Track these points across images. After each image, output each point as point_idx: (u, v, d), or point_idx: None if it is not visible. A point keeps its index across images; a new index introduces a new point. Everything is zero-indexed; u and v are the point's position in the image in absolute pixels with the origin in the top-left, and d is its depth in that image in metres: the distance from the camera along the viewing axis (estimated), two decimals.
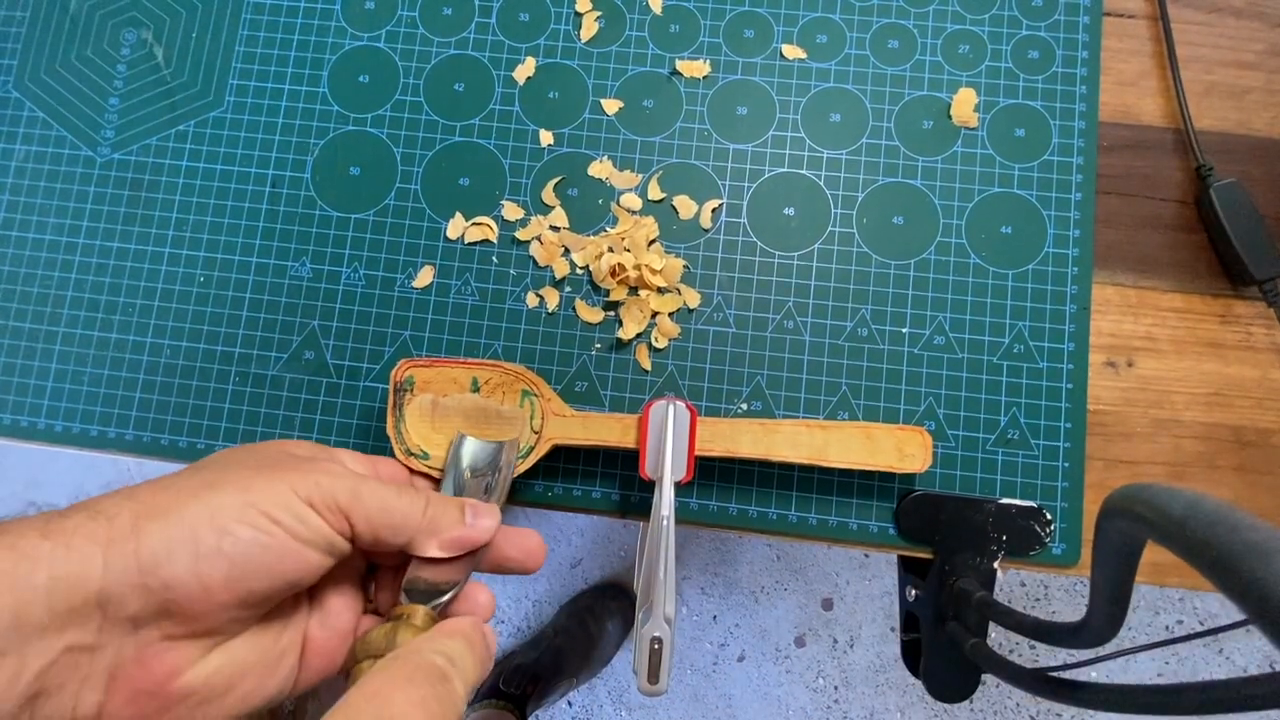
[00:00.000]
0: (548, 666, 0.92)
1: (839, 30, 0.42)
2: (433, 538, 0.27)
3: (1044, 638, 0.27)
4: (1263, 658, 1.02)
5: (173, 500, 0.23)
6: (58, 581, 0.20)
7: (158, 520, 0.22)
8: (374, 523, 0.25)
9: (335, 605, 0.27)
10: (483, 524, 0.28)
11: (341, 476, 0.25)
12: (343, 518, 0.25)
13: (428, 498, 0.27)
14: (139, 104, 0.43)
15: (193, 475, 0.24)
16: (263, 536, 0.23)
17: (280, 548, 0.23)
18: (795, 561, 1.07)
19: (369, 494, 0.25)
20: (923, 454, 0.35)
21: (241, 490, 0.23)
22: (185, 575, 0.21)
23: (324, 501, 0.24)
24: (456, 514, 0.28)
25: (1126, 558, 0.21)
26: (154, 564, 0.21)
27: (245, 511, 0.23)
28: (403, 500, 0.26)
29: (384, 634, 0.25)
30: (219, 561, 0.22)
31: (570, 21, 0.43)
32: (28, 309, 0.42)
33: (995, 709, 1.01)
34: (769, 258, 0.40)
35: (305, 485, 0.24)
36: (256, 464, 0.25)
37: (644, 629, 0.31)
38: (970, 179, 0.41)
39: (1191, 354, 0.40)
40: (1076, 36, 0.42)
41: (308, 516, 0.24)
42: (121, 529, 0.21)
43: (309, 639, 0.26)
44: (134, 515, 0.22)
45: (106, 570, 0.21)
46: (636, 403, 0.39)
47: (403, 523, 0.26)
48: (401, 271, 0.41)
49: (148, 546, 0.21)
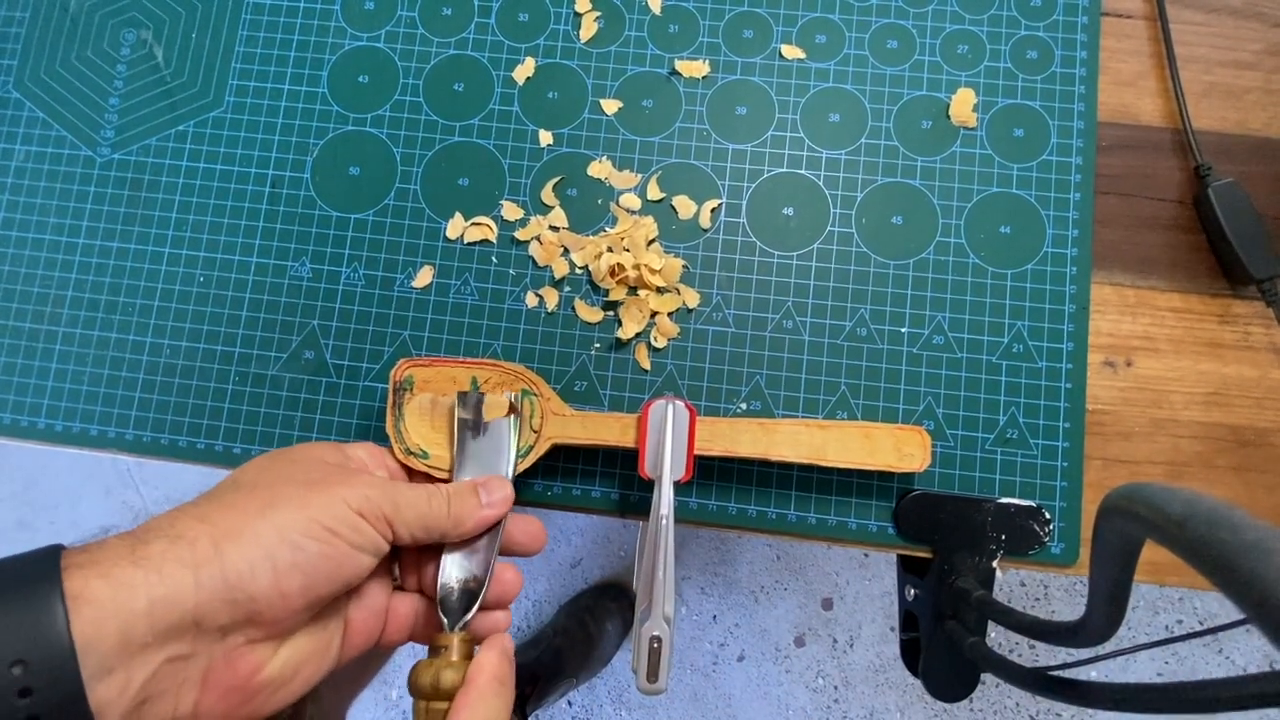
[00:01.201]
0: (547, 666, 0.92)
1: (838, 30, 0.42)
2: (459, 529, 0.30)
3: (1043, 637, 0.27)
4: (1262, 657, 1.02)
5: (243, 521, 0.25)
6: (156, 604, 0.23)
7: (235, 541, 0.25)
8: (412, 527, 0.29)
9: (370, 589, 0.31)
10: (497, 498, 0.32)
11: (382, 487, 0.29)
12: (386, 525, 0.28)
13: (448, 495, 0.31)
14: (139, 104, 0.43)
15: (248, 494, 0.27)
16: (326, 548, 0.26)
17: (341, 556, 0.26)
18: (795, 561, 1.07)
19: (405, 503, 0.29)
20: (922, 453, 0.35)
21: (302, 507, 0.26)
22: (267, 588, 0.25)
23: (372, 512, 0.28)
24: (474, 500, 0.31)
25: (1125, 557, 0.21)
26: (240, 581, 0.24)
27: (309, 526, 0.26)
28: (433, 505, 0.30)
29: (430, 676, 0.28)
30: (294, 574, 0.25)
31: (570, 22, 0.43)
32: (28, 309, 0.42)
33: (995, 708, 1.01)
34: (768, 257, 0.41)
35: (356, 498, 0.27)
36: (305, 479, 0.28)
37: (643, 628, 0.31)
38: (969, 179, 0.41)
39: (1190, 354, 0.40)
40: (1075, 36, 0.42)
41: (361, 526, 0.27)
42: (205, 552, 0.24)
43: (349, 621, 0.30)
44: (212, 539, 0.24)
45: (199, 590, 0.23)
46: (636, 402, 0.39)
47: (435, 524, 0.30)
48: (401, 271, 0.41)
49: (233, 566, 0.24)
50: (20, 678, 0.20)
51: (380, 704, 1.01)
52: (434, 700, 0.27)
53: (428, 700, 0.27)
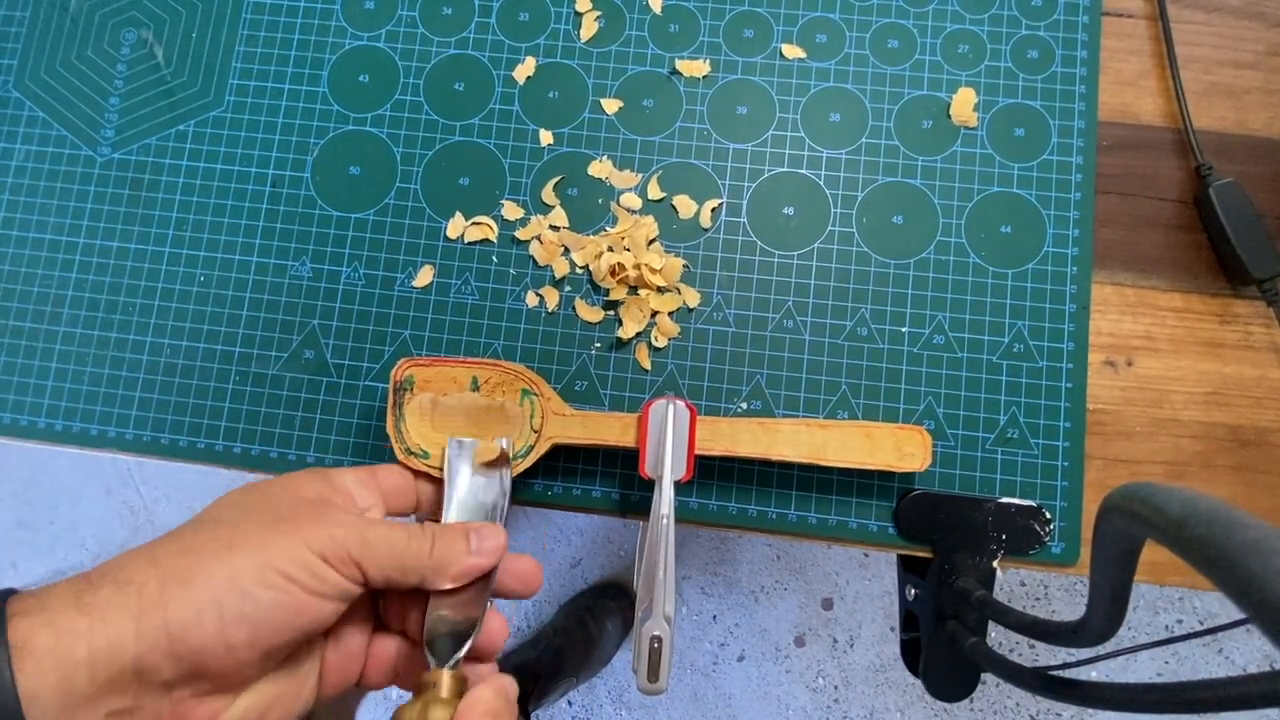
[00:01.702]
0: (548, 666, 0.92)
1: (839, 30, 0.42)
2: (443, 574, 0.28)
3: (1043, 637, 0.27)
4: (1262, 656, 1.02)
5: (195, 565, 0.24)
6: (97, 655, 0.22)
7: (183, 587, 0.23)
8: (384, 568, 0.26)
9: (348, 630, 0.29)
10: (488, 546, 0.29)
11: (351, 526, 0.26)
12: (355, 567, 0.26)
13: (433, 535, 0.28)
14: (139, 104, 0.43)
15: (211, 532, 0.26)
16: (282, 596, 0.24)
17: (298, 604, 0.24)
18: (795, 561, 1.07)
19: (378, 541, 0.26)
20: (922, 453, 0.35)
21: (259, 550, 0.25)
22: (212, 640, 0.23)
23: (336, 554, 0.25)
24: (462, 545, 0.28)
25: (1126, 557, 0.21)
26: (183, 633, 0.23)
27: (263, 573, 0.24)
28: (411, 544, 0.27)
29: (416, 714, 0.25)
30: (242, 625, 0.23)
31: (570, 21, 0.43)
32: (28, 309, 0.42)
33: (995, 708, 1.02)
34: (769, 257, 0.41)
35: (319, 540, 0.25)
36: (272, 516, 0.26)
37: (644, 627, 0.31)
38: (970, 178, 0.41)
39: (1190, 353, 0.40)
40: (1076, 36, 0.42)
41: (322, 571, 0.25)
42: (150, 599, 0.23)
43: (326, 662, 0.28)
44: (160, 583, 0.23)
45: (139, 641, 0.22)
46: (636, 402, 0.39)
47: (413, 565, 0.27)
48: (401, 271, 0.41)
49: (176, 616, 0.23)
50: None
51: (381, 704, 1.01)
52: None
53: None
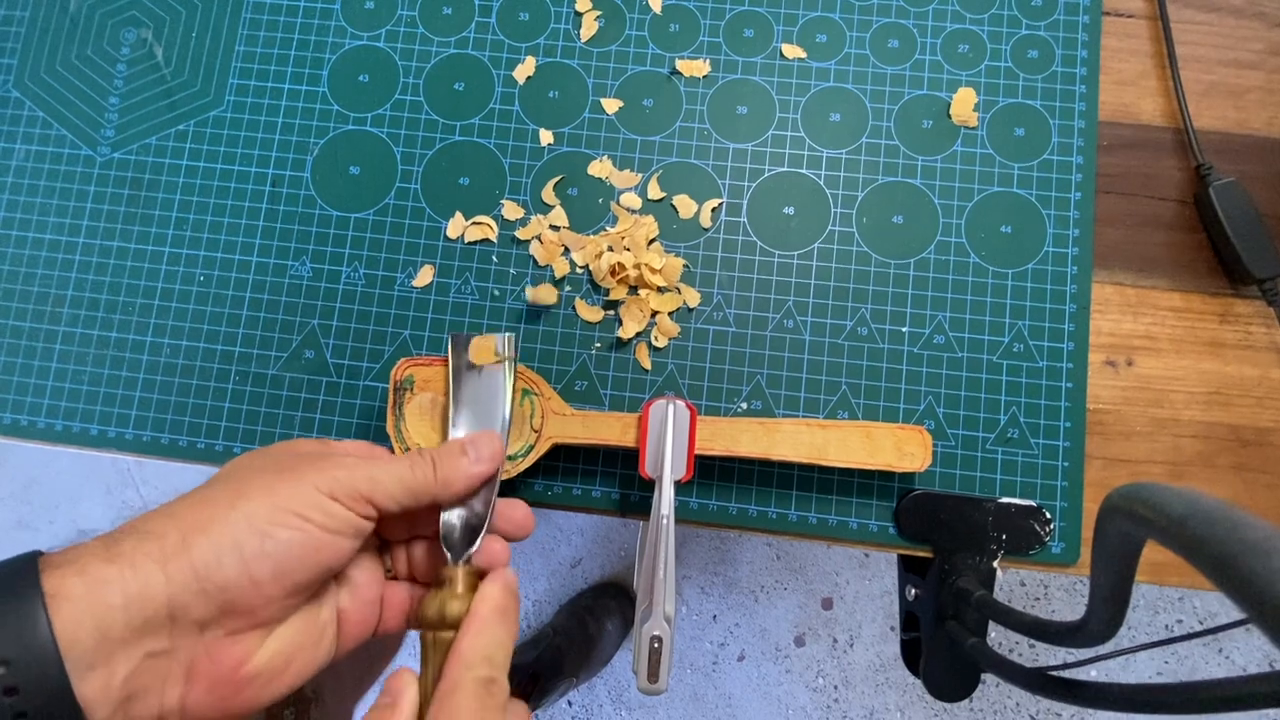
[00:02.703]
0: (547, 666, 0.92)
1: (839, 30, 0.42)
2: (450, 489, 0.29)
3: (1043, 637, 0.27)
4: (1262, 657, 1.02)
5: (211, 514, 0.25)
6: (130, 598, 0.23)
7: (202, 533, 0.24)
8: (396, 498, 0.28)
9: (360, 580, 0.30)
10: (486, 453, 0.30)
11: (356, 466, 0.28)
12: (365, 502, 0.27)
13: (433, 459, 0.30)
14: (139, 103, 0.43)
15: (221, 487, 0.27)
16: (297, 534, 0.26)
17: (315, 541, 0.26)
18: (795, 561, 1.07)
19: (384, 475, 0.28)
20: (922, 453, 0.35)
21: (270, 495, 0.26)
22: (238, 577, 0.24)
23: (345, 492, 0.27)
24: (461, 459, 0.30)
25: (1126, 557, 0.21)
26: (208, 572, 0.24)
27: (277, 514, 0.25)
28: (416, 471, 0.29)
29: (436, 606, 0.28)
30: (264, 561, 0.25)
31: (570, 21, 0.43)
32: (28, 309, 0.42)
33: (995, 708, 1.01)
34: (769, 257, 0.40)
35: (325, 481, 0.27)
36: (275, 469, 0.27)
37: (644, 627, 0.31)
38: (970, 178, 0.41)
39: (1191, 353, 0.40)
40: (1076, 36, 0.42)
41: (333, 509, 0.27)
42: (174, 546, 0.24)
43: (342, 612, 0.29)
44: (180, 532, 0.24)
45: (169, 583, 0.23)
46: (636, 402, 0.39)
47: (422, 489, 0.29)
48: (401, 271, 0.41)
49: (200, 558, 0.24)
50: (5, 676, 0.21)
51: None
52: (440, 630, 0.28)
53: (435, 630, 0.28)
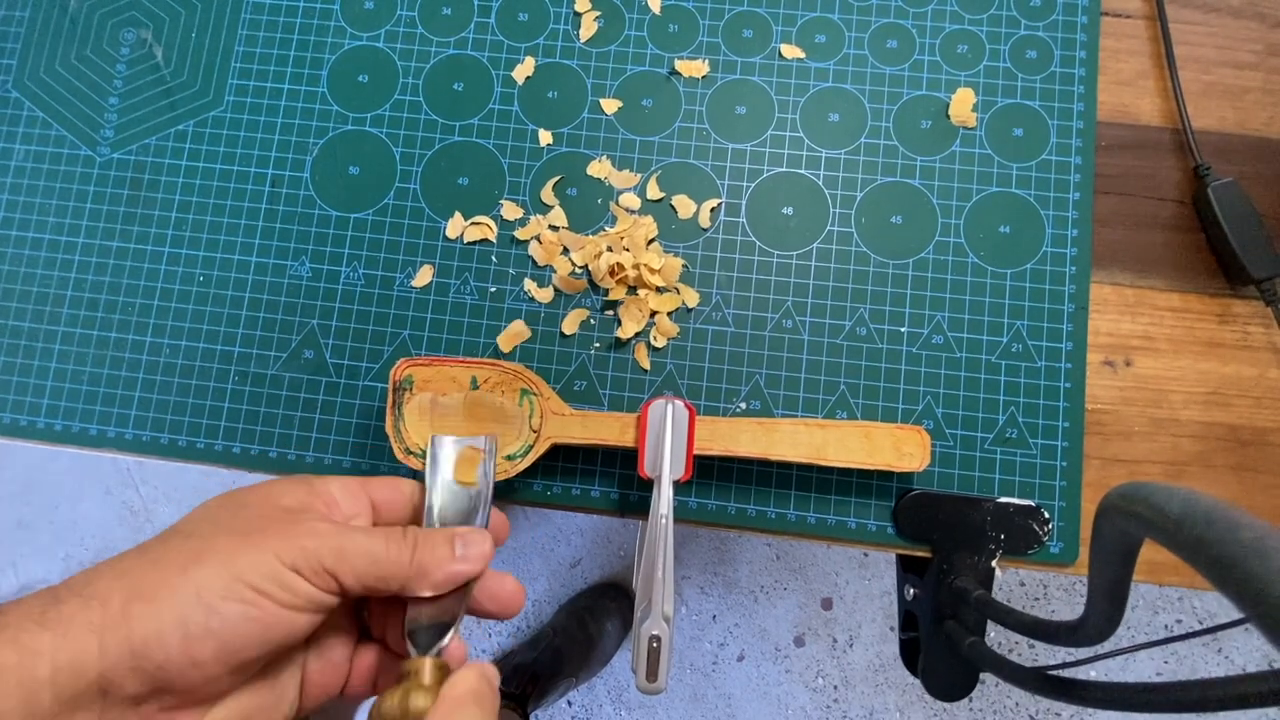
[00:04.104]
0: (547, 666, 0.92)
1: (838, 30, 0.42)
2: (424, 580, 0.27)
3: (1042, 636, 0.27)
4: (1261, 656, 1.02)
5: (160, 580, 0.23)
6: (60, 671, 0.21)
7: (147, 602, 0.22)
8: (362, 577, 0.25)
9: (330, 640, 0.28)
10: (473, 553, 0.28)
11: (326, 536, 0.25)
12: (329, 577, 0.25)
13: (414, 541, 0.27)
14: (139, 104, 0.43)
15: (180, 545, 0.25)
16: (250, 610, 0.23)
17: (268, 618, 0.24)
18: (795, 561, 1.07)
19: (354, 549, 0.25)
20: (921, 453, 0.35)
21: (226, 563, 0.24)
22: (177, 656, 0.22)
23: (309, 565, 0.24)
24: (446, 550, 0.27)
25: (1124, 556, 0.21)
26: (146, 649, 0.22)
27: (231, 586, 0.23)
28: (390, 550, 0.26)
29: (397, 701, 0.24)
30: (208, 640, 0.23)
31: (569, 21, 0.43)
32: (28, 308, 0.42)
33: (994, 708, 1.02)
34: (768, 257, 0.41)
35: (290, 551, 0.24)
36: (243, 528, 0.25)
37: (643, 627, 0.31)
38: (969, 178, 0.41)
39: (1189, 353, 0.40)
40: (1074, 36, 0.42)
41: (294, 584, 0.24)
42: (114, 615, 0.22)
43: (307, 673, 0.27)
44: (124, 598, 0.22)
45: (103, 656, 0.21)
46: (635, 402, 0.39)
47: (391, 573, 0.26)
48: (401, 271, 0.41)
49: (139, 632, 0.22)
50: None
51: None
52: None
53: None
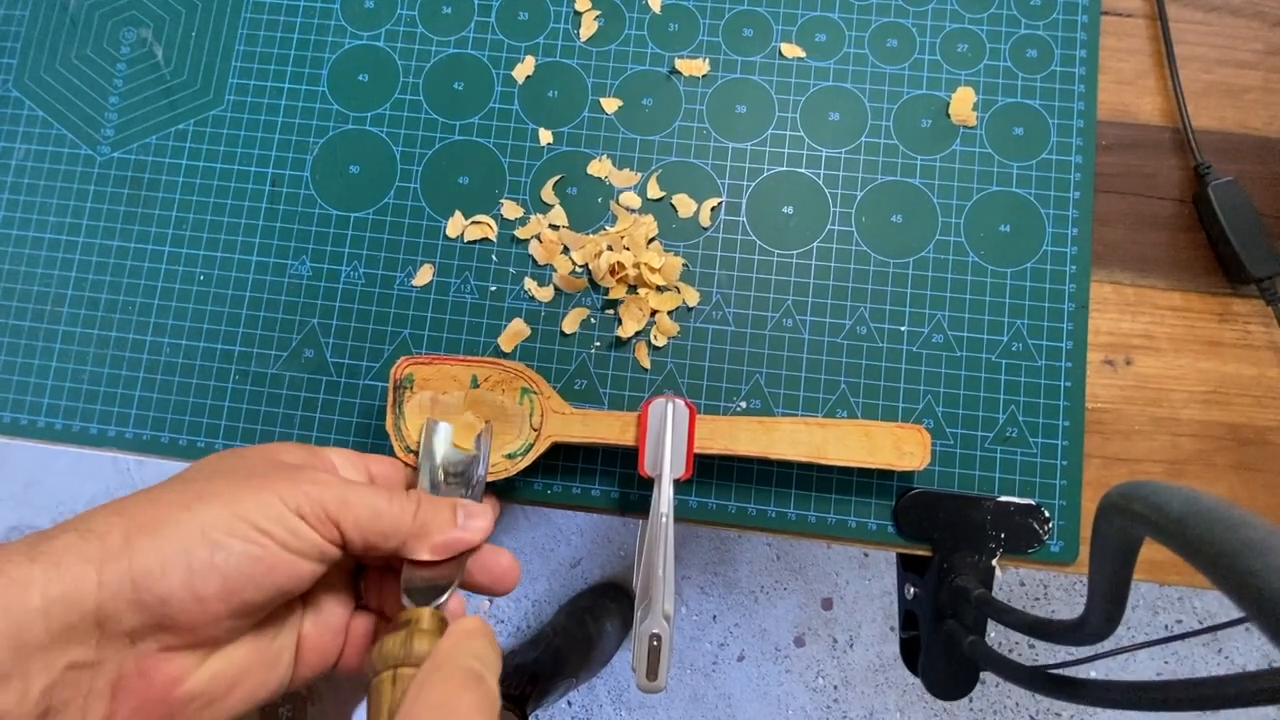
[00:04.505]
0: (547, 666, 0.92)
1: (838, 29, 0.42)
2: (424, 541, 0.27)
3: (1042, 635, 0.27)
4: (1261, 656, 1.02)
5: (163, 515, 0.23)
6: (53, 602, 0.20)
7: (149, 536, 0.22)
8: (364, 529, 0.25)
9: (327, 604, 0.28)
10: (475, 524, 0.28)
11: (330, 485, 0.25)
12: (333, 526, 0.25)
13: (418, 501, 0.27)
14: (139, 103, 0.43)
15: (182, 487, 0.24)
16: (254, 549, 0.23)
17: (272, 559, 0.23)
18: (795, 561, 1.07)
19: (358, 500, 0.25)
20: (921, 452, 0.35)
21: (231, 502, 0.23)
22: (179, 590, 0.22)
23: (313, 511, 0.24)
24: (449, 515, 0.28)
25: (1125, 555, 0.21)
26: (148, 580, 0.21)
27: (235, 524, 0.23)
28: (393, 505, 0.26)
29: (399, 643, 0.24)
30: (212, 576, 0.22)
31: (569, 20, 0.43)
32: (28, 308, 0.42)
33: (994, 708, 1.02)
34: (768, 256, 0.41)
35: (294, 495, 0.24)
36: (245, 473, 0.25)
37: (643, 626, 0.31)
38: (969, 178, 0.41)
39: (1189, 352, 0.40)
40: (1075, 35, 0.42)
41: (298, 527, 0.24)
42: (113, 546, 0.22)
43: (303, 637, 0.27)
44: (125, 532, 0.22)
45: (101, 588, 0.21)
46: (636, 401, 0.39)
47: (393, 528, 0.26)
48: (401, 270, 0.41)
49: (141, 563, 0.21)
50: None
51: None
52: (403, 666, 0.24)
53: (395, 667, 0.24)
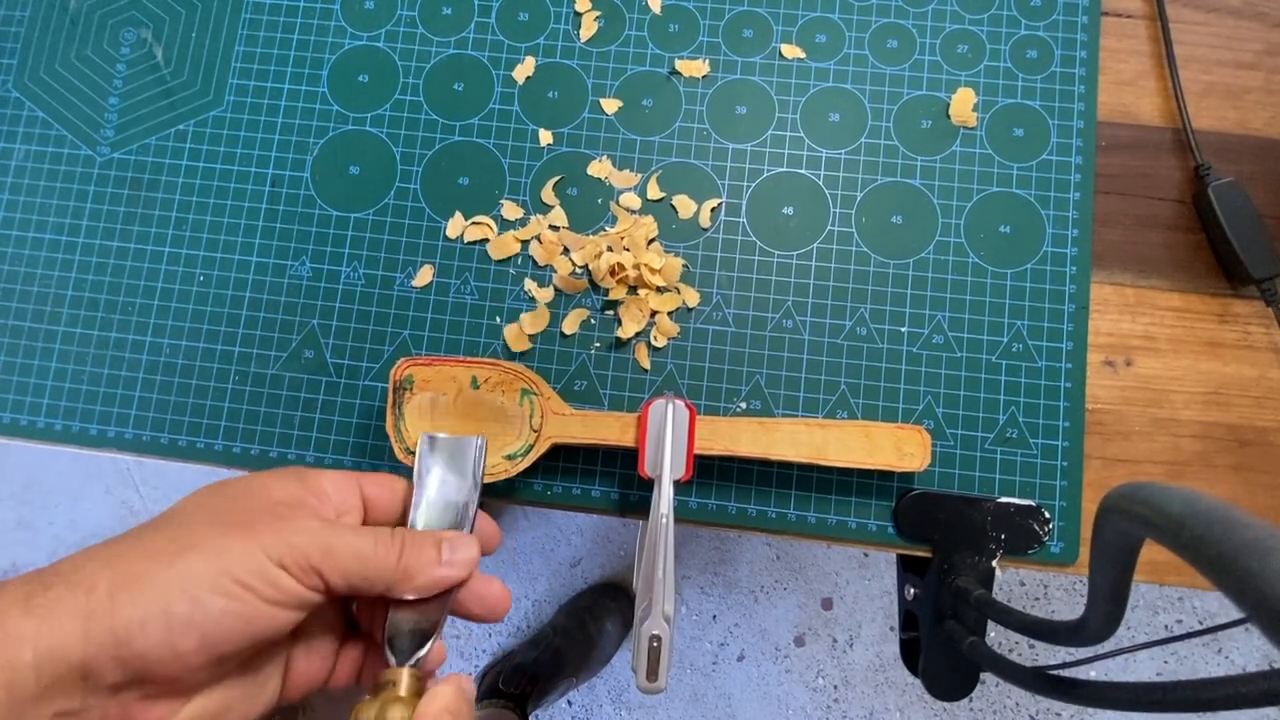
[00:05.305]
0: (547, 666, 0.92)
1: (838, 30, 0.42)
2: (409, 583, 0.27)
3: (1043, 636, 0.27)
4: (1261, 656, 1.02)
5: (147, 568, 0.23)
6: (43, 656, 0.21)
7: (132, 591, 0.23)
8: (348, 576, 0.26)
9: (316, 632, 0.28)
10: (460, 558, 0.28)
11: (315, 533, 0.26)
12: (315, 575, 0.25)
13: (402, 543, 0.27)
14: (139, 103, 0.43)
15: (169, 535, 0.25)
16: (234, 604, 0.23)
17: (252, 612, 0.24)
18: (795, 561, 1.07)
19: (342, 548, 0.26)
20: (921, 453, 0.35)
21: (214, 555, 0.24)
22: (159, 647, 0.22)
23: (296, 562, 0.25)
24: (432, 554, 0.27)
25: (1125, 556, 0.21)
26: (129, 637, 0.22)
27: (217, 580, 0.23)
28: (378, 550, 0.26)
29: (375, 713, 0.25)
30: (191, 632, 0.23)
31: (570, 21, 0.43)
32: (28, 308, 0.42)
33: (994, 708, 1.01)
34: (768, 257, 0.41)
35: (277, 547, 0.25)
36: (230, 520, 0.26)
37: (643, 626, 0.31)
38: (969, 178, 0.41)
39: (1190, 353, 0.40)
40: (1075, 36, 0.42)
41: (279, 579, 0.24)
42: (99, 601, 0.22)
43: (291, 663, 0.27)
44: (110, 585, 0.23)
45: (86, 643, 0.22)
46: (636, 401, 0.39)
47: (377, 574, 0.26)
48: (401, 270, 0.41)
49: (122, 620, 0.22)
50: None
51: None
52: None
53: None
